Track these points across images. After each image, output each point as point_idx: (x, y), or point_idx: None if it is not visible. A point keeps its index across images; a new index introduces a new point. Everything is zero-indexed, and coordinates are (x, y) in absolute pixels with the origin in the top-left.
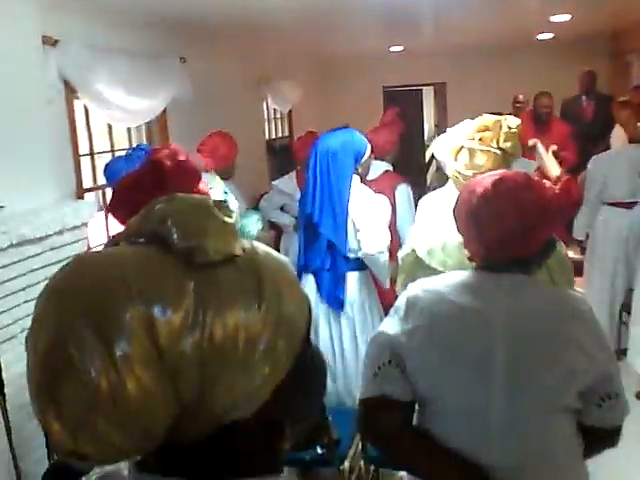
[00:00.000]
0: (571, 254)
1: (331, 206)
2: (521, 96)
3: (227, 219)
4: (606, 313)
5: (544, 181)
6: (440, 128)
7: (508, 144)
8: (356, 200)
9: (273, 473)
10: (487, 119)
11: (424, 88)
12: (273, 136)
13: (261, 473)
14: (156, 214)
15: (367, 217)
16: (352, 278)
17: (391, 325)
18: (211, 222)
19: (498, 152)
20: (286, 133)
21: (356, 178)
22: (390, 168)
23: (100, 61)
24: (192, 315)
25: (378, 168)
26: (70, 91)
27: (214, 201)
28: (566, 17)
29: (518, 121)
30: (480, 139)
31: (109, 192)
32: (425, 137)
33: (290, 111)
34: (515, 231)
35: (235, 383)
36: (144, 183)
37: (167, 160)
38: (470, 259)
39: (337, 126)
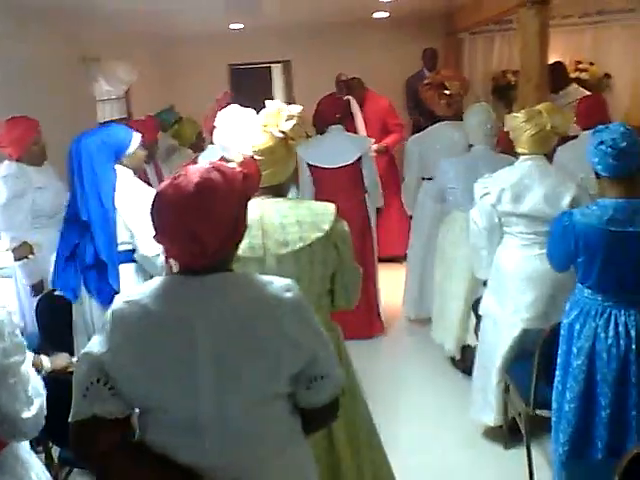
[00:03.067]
0: None
1: (101, 210)
2: (343, 76)
3: None
4: None
5: (231, 166)
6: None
7: (287, 127)
8: (124, 196)
9: None
10: (275, 105)
11: (274, 65)
12: (108, 118)
13: None
14: None
15: (139, 217)
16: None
17: (97, 343)
18: None
19: (279, 134)
20: (124, 115)
21: (126, 172)
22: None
23: None
24: None
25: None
26: None
27: None
28: None
29: (300, 108)
30: (265, 124)
31: None
32: None
33: (127, 92)
34: (202, 241)
35: None
36: None
37: None
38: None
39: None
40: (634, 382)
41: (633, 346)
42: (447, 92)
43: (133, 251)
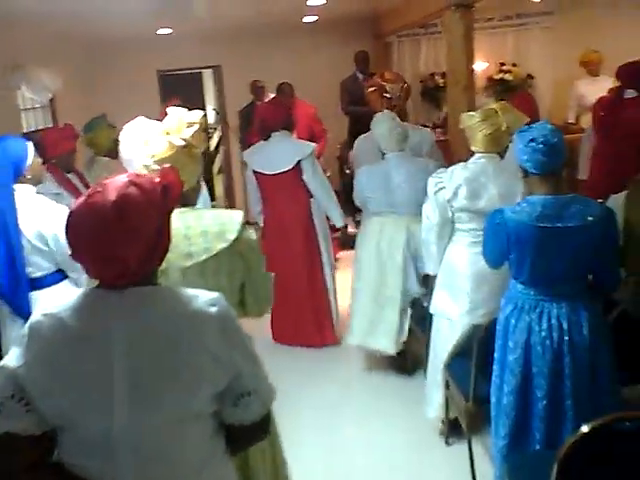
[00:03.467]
0: (349, 228)
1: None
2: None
3: None
4: None
5: (149, 179)
6: (219, 113)
7: (188, 134)
8: (30, 214)
9: None
10: (174, 113)
11: (204, 71)
12: (33, 127)
13: None
14: None
15: (58, 238)
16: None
17: (14, 356)
18: None
19: (180, 142)
20: (49, 124)
21: (27, 190)
22: None
23: None
24: None
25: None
26: None
27: None
28: (322, 0)
29: (201, 114)
30: (167, 132)
31: None
32: (209, 122)
33: (52, 100)
34: (123, 261)
35: None
36: None
37: None
38: None
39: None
40: (568, 373)
41: (566, 338)
42: (388, 95)
43: (58, 272)
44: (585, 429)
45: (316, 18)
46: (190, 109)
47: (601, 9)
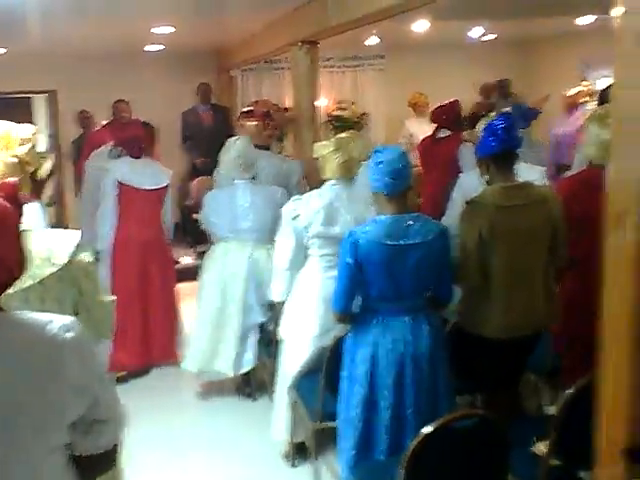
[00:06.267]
0: (189, 259)
1: None
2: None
3: None
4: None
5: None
6: (55, 139)
7: (21, 151)
8: None
9: None
10: (3, 127)
11: (35, 96)
12: None
13: None
14: None
15: None
16: None
17: None
18: None
19: (13, 159)
20: None
21: None
22: None
23: None
24: None
25: None
26: None
27: None
28: (170, 29)
29: (32, 129)
30: None
31: None
32: (41, 150)
33: None
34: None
35: None
36: None
37: None
38: None
39: None
40: (410, 383)
41: (409, 349)
42: (274, 122)
43: None
44: (427, 430)
45: (160, 48)
46: None
47: (424, 57)
